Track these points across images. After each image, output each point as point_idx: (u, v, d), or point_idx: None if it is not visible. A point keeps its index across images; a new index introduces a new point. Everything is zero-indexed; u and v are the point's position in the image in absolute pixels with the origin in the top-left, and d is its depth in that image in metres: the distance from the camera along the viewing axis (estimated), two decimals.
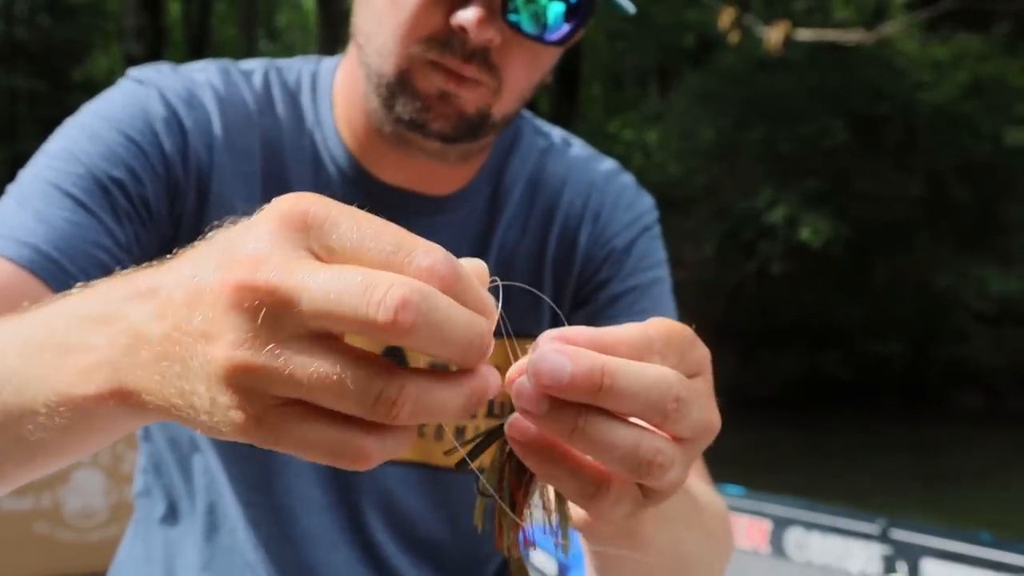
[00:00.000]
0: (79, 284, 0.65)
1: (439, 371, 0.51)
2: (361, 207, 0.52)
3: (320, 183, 1.12)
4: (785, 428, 14.30)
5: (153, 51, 12.58)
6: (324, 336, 0.49)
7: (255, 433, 0.50)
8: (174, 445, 1.17)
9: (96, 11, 20.81)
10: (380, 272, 0.47)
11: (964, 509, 9.55)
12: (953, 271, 16.02)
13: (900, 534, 2.82)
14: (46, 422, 0.61)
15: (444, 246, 0.51)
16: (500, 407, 1.18)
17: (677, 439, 0.55)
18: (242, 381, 0.49)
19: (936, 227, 16.83)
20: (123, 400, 0.57)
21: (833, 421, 14.94)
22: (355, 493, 1.14)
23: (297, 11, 24.19)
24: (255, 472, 1.12)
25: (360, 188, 1.13)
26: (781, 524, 3.11)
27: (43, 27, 20.29)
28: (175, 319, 0.52)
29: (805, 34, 10.92)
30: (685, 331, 0.57)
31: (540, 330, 0.55)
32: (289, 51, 23.33)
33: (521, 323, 0.61)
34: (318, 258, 0.49)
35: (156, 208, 1.03)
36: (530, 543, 0.57)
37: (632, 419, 0.53)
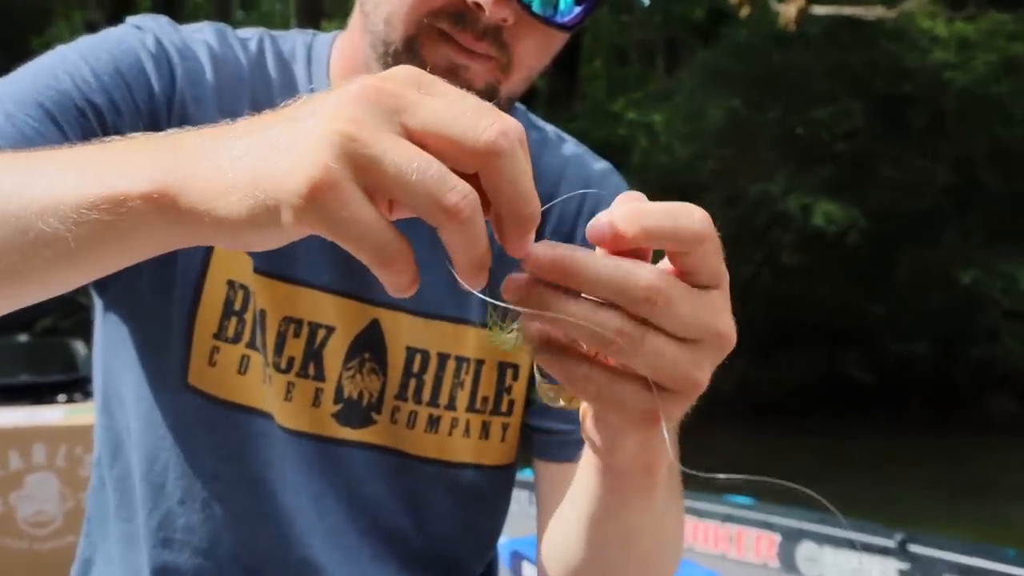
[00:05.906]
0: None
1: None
2: None
3: None
4: (800, 435, 14.33)
5: (116, 18, 12.54)
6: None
7: (322, 194, 0.56)
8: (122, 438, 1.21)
9: None
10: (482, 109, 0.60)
11: (994, 523, 9.58)
12: (982, 266, 16.04)
13: (919, 549, 2.83)
14: (72, 218, 0.65)
15: None
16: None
17: (679, 339, 0.64)
18: (348, 146, 0.56)
19: (965, 218, 16.85)
20: (162, 203, 0.63)
21: (853, 427, 14.97)
22: (319, 475, 1.18)
23: None
24: (229, 442, 1.14)
25: None
26: (791, 537, 3.12)
27: None
28: (261, 118, 0.63)
29: (822, 8, 10.94)
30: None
31: None
32: (266, 20, 23.24)
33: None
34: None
35: None
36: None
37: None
